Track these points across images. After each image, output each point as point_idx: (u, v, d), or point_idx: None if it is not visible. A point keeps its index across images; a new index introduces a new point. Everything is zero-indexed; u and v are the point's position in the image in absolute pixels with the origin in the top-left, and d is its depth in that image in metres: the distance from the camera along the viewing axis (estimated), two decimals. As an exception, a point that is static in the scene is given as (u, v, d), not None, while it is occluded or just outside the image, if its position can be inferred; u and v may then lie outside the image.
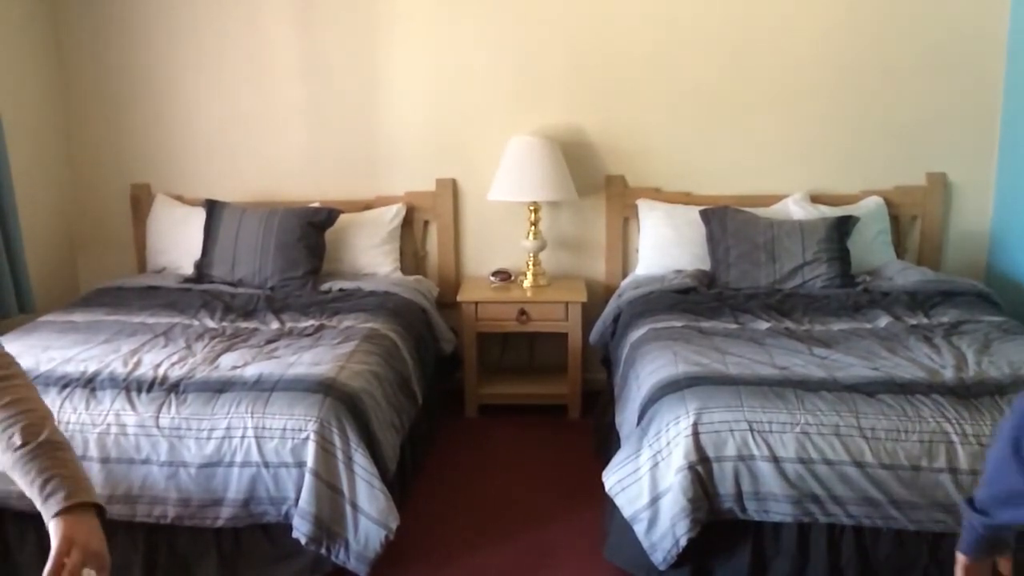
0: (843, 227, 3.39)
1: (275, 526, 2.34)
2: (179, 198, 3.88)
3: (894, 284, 3.26)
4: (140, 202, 3.91)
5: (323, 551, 2.27)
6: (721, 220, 3.48)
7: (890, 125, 3.68)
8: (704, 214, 3.54)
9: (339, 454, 2.29)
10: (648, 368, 2.58)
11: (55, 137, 3.87)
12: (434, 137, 3.82)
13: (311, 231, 3.52)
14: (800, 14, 3.62)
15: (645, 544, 2.26)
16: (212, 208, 3.62)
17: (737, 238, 3.41)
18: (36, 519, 2.32)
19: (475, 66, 3.75)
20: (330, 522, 2.27)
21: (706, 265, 3.51)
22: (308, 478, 2.25)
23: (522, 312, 3.58)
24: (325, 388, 2.39)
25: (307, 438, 2.26)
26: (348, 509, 2.28)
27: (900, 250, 3.66)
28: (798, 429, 2.19)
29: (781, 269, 3.35)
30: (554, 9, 3.69)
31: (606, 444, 2.94)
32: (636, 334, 2.92)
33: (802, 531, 2.26)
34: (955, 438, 2.16)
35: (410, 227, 3.86)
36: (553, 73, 3.74)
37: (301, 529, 2.25)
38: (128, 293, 3.34)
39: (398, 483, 2.70)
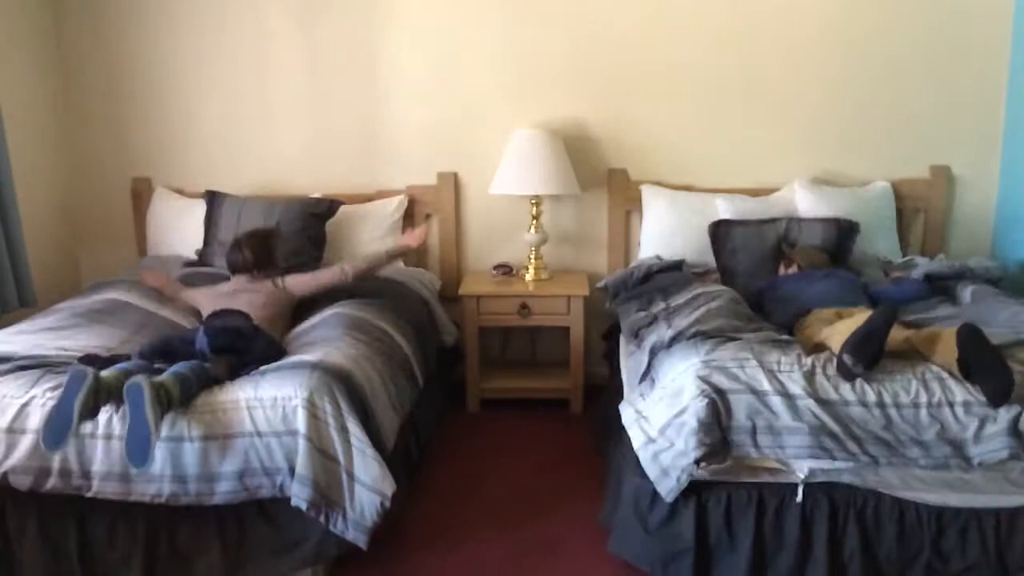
0: (844, 233, 3.36)
1: (278, 515, 2.34)
2: (180, 192, 3.88)
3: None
4: (141, 196, 3.91)
5: (321, 519, 2.28)
6: (727, 234, 3.42)
7: (893, 118, 3.67)
8: (710, 232, 3.48)
9: (331, 420, 2.30)
10: (676, 324, 2.64)
11: (55, 131, 3.86)
12: (435, 131, 3.82)
13: (313, 222, 3.52)
14: (802, 7, 3.61)
15: (653, 473, 2.26)
16: (212, 199, 3.62)
17: (746, 251, 3.38)
18: (37, 511, 2.34)
19: (477, 60, 3.75)
20: (327, 489, 2.28)
21: (708, 255, 3.47)
22: (303, 444, 2.26)
23: (524, 306, 3.57)
24: (314, 365, 2.43)
25: (297, 405, 2.28)
26: (344, 477, 2.29)
27: (904, 243, 3.64)
28: (806, 368, 2.26)
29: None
30: (555, 2, 3.68)
31: (608, 437, 2.93)
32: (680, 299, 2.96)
33: (804, 525, 2.26)
34: (944, 374, 2.25)
35: (412, 221, 3.85)
36: (555, 66, 3.73)
37: (301, 495, 2.25)
38: (130, 283, 3.35)
39: (404, 476, 2.69)
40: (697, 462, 2.18)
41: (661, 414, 2.29)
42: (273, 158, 3.88)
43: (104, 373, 2.27)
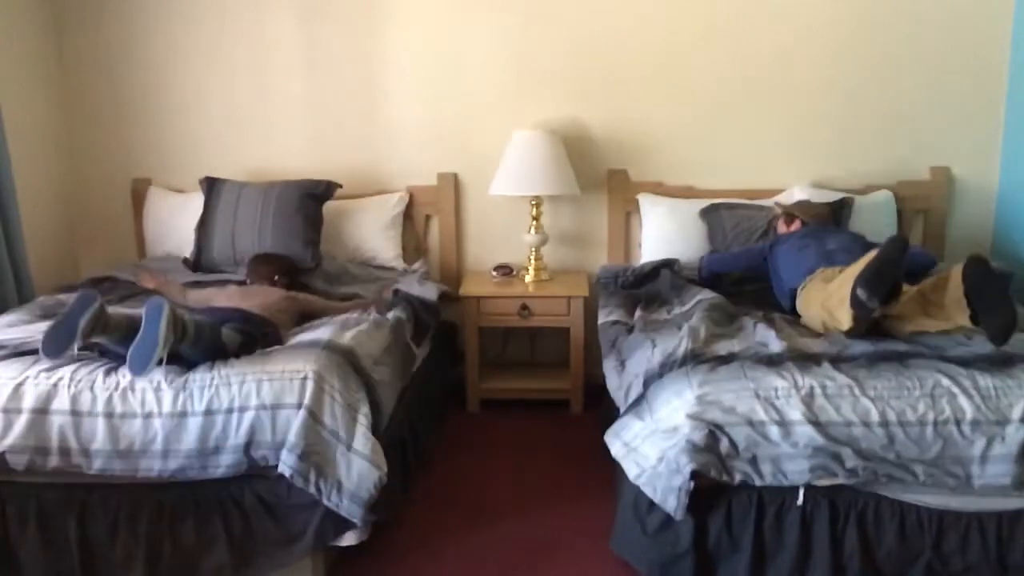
0: (839, 213, 3.38)
1: (278, 508, 2.34)
2: (180, 192, 3.88)
3: None
4: (141, 196, 3.90)
5: (313, 489, 2.27)
6: (718, 221, 3.47)
7: (893, 119, 3.67)
8: (703, 213, 3.53)
9: (337, 396, 2.34)
10: (662, 344, 2.59)
11: (56, 132, 3.86)
12: (436, 131, 3.82)
13: (309, 203, 3.53)
14: (802, 8, 3.61)
15: (657, 497, 2.23)
16: (212, 185, 3.62)
17: (736, 233, 3.40)
18: (38, 510, 2.34)
19: (477, 60, 3.75)
20: (322, 461, 2.28)
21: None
22: (302, 414, 2.27)
23: (524, 307, 3.57)
24: (323, 344, 2.49)
25: (306, 378, 2.32)
26: (342, 449, 2.30)
27: (903, 245, 3.64)
28: (803, 392, 2.20)
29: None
30: (556, 4, 3.68)
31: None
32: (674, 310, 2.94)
33: (804, 526, 2.26)
34: (956, 390, 2.19)
35: (412, 221, 3.85)
36: (555, 67, 3.73)
37: (287, 462, 2.26)
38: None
39: (400, 476, 2.70)
40: (692, 476, 2.15)
41: (655, 448, 2.26)
42: (274, 159, 3.88)
43: (111, 309, 2.35)
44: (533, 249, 3.72)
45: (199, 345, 2.35)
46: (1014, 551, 2.21)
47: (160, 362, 2.25)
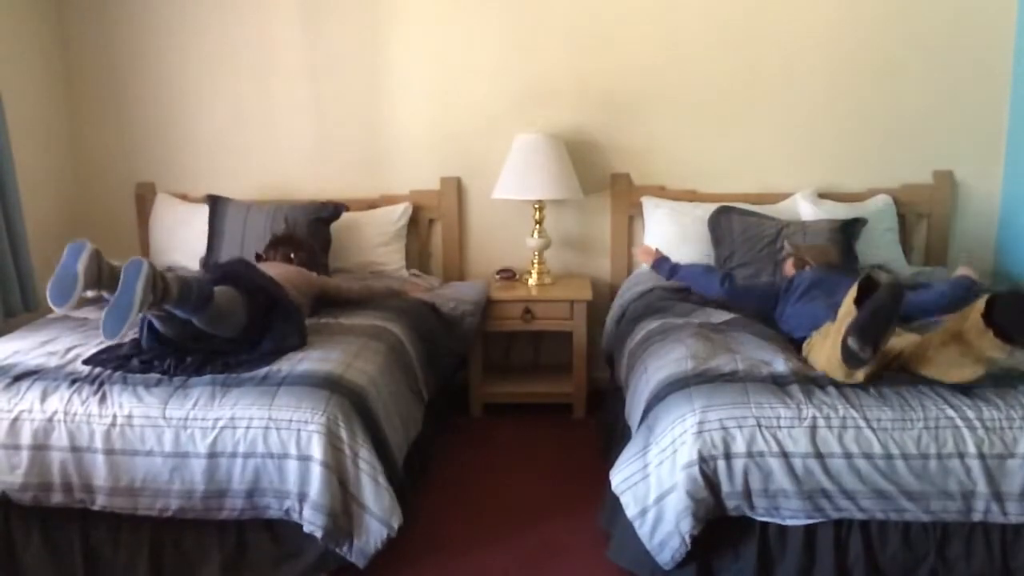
0: (850, 230, 3.36)
1: (279, 525, 2.33)
2: (184, 197, 3.89)
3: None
4: (145, 201, 3.91)
5: (332, 545, 2.26)
6: (728, 222, 3.46)
7: (897, 123, 3.67)
8: (711, 219, 3.51)
9: (345, 449, 2.27)
10: (656, 364, 2.57)
11: (60, 136, 3.87)
12: (439, 136, 3.82)
13: (318, 226, 3.52)
14: (805, 12, 3.61)
15: (649, 544, 2.23)
16: (215, 204, 3.62)
17: (744, 238, 3.40)
18: (41, 517, 2.34)
19: (480, 65, 3.75)
20: (341, 515, 2.26)
21: (710, 262, 3.49)
22: (320, 470, 2.23)
23: (527, 311, 3.57)
24: (332, 384, 2.38)
25: (313, 431, 2.25)
26: (354, 506, 2.27)
27: (907, 248, 3.63)
28: (806, 423, 2.17)
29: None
30: (559, 8, 3.68)
31: (611, 443, 2.93)
32: (648, 327, 2.90)
33: (808, 530, 2.25)
34: (960, 423, 2.14)
35: (415, 226, 3.85)
36: (558, 71, 3.73)
37: (316, 522, 2.23)
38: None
39: (405, 481, 2.69)
40: (690, 535, 2.16)
41: (654, 482, 2.23)
42: (277, 163, 3.89)
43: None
44: (536, 253, 3.72)
45: (186, 305, 2.32)
46: (1018, 557, 2.20)
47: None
